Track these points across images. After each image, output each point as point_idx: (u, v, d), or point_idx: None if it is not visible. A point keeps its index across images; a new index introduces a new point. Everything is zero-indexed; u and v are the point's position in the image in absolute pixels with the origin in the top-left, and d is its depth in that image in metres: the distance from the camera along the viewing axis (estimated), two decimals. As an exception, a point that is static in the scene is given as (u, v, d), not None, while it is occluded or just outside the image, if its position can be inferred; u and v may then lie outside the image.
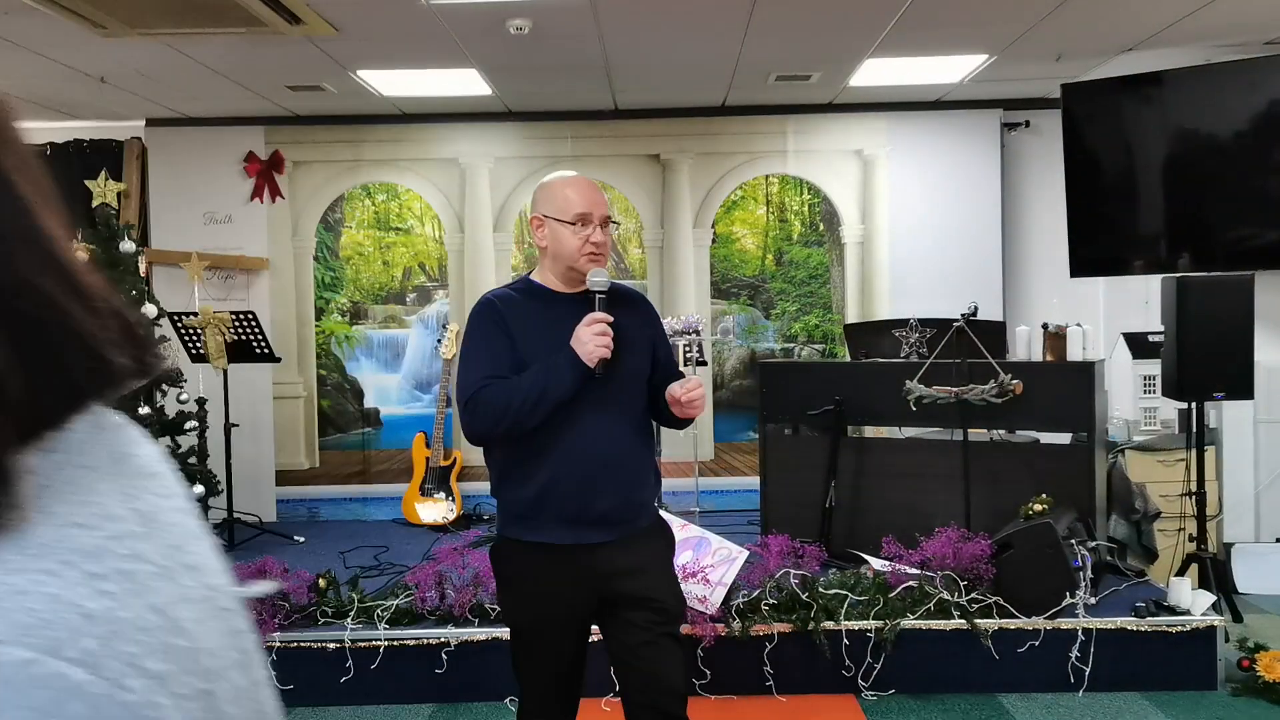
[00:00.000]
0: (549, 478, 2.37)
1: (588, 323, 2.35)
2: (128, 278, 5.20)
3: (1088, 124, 5.54)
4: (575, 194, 2.45)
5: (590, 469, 2.38)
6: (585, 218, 2.43)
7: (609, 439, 2.42)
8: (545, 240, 2.47)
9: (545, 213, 2.47)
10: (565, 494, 2.37)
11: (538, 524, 2.39)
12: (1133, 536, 4.79)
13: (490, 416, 2.33)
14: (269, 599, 3.99)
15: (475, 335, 2.43)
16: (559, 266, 2.47)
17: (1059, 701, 3.83)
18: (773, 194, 6.66)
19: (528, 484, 2.39)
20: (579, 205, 2.44)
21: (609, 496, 2.40)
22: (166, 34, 4.73)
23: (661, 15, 4.66)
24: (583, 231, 2.42)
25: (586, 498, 2.38)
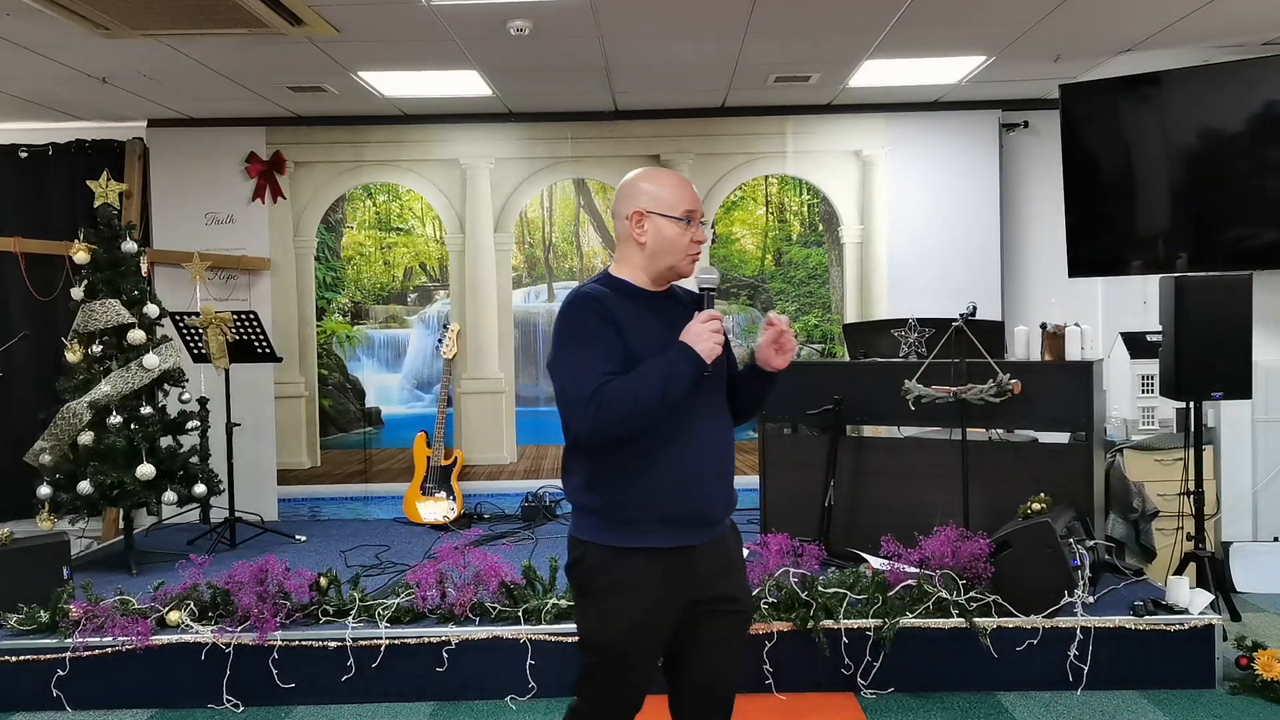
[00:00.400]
0: (659, 478, 2.29)
1: (704, 319, 2.29)
2: (129, 278, 5.22)
3: (1086, 124, 5.55)
4: (684, 190, 2.40)
5: (699, 468, 2.33)
6: (692, 214, 2.38)
7: (713, 437, 2.38)
8: (645, 236, 2.36)
9: (650, 208, 2.36)
10: (675, 495, 2.30)
11: (644, 528, 2.29)
12: (1131, 535, 4.81)
13: (616, 414, 2.20)
14: (271, 598, 4.00)
15: (584, 330, 2.28)
16: (658, 264, 2.38)
17: (1057, 700, 3.84)
18: (772, 194, 6.68)
19: (636, 486, 2.29)
20: (688, 202, 2.38)
21: (714, 495, 2.37)
22: (168, 35, 4.74)
23: (661, 16, 4.68)
24: (689, 229, 2.37)
25: (696, 498, 2.33)
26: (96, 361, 5.13)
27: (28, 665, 3.92)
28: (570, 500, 2.40)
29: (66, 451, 5.10)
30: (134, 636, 3.90)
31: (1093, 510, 4.47)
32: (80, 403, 5.00)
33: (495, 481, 6.65)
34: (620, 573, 2.30)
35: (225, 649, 3.93)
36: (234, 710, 3.92)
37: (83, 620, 3.96)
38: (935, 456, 4.75)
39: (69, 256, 5.25)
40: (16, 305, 6.29)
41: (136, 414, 5.10)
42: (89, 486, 4.96)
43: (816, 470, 4.87)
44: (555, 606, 3.98)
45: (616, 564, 2.30)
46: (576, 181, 6.69)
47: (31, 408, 5.78)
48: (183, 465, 5.28)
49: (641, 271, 2.41)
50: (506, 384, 6.71)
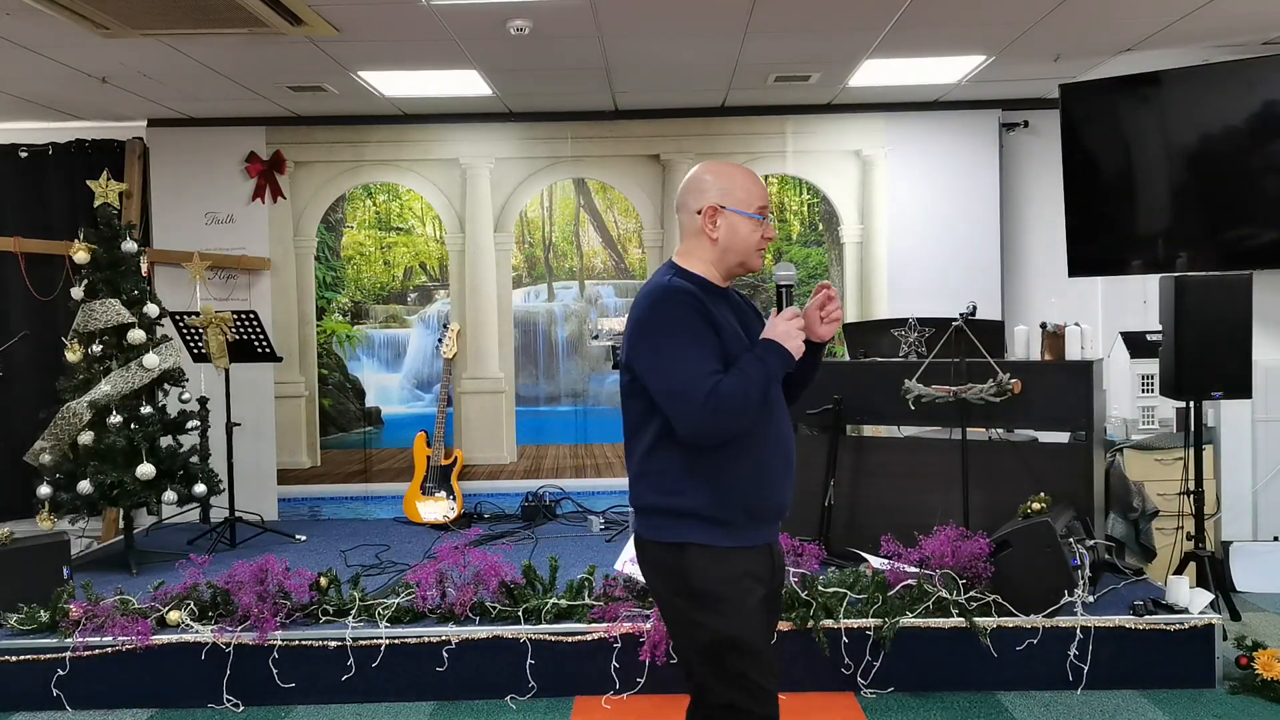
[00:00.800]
0: (751, 476, 2.29)
1: (789, 317, 2.30)
2: (129, 278, 5.22)
3: (1086, 124, 5.55)
4: (755, 185, 2.37)
5: (779, 463, 2.36)
6: (764, 210, 2.37)
7: (786, 432, 2.40)
8: (718, 232, 2.34)
9: (724, 204, 2.33)
10: (766, 492, 2.31)
11: (741, 526, 2.29)
12: (1131, 535, 4.81)
13: (732, 412, 2.18)
14: (271, 597, 4.00)
15: (689, 326, 2.23)
16: (729, 260, 2.36)
17: (1057, 699, 3.84)
18: (772, 194, 6.67)
19: (732, 484, 2.28)
20: (760, 197, 2.36)
21: (789, 489, 2.39)
22: (168, 34, 4.74)
23: (661, 16, 4.68)
24: (761, 226, 2.35)
25: (779, 493, 2.35)
26: (96, 361, 5.13)
27: (28, 665, 3.92)
28: (650, 502, 2.32)
29: (66, 451, 5.10)
30: (134, 636, 3.90)
31: (1093, 510, 4.47)
32: (80, 402, 5.00)
33: (495, 481, 6.66)
34: (729, 570, 2.27)
35: (225, 649, 3.93)
36: (234, 710, 3.92)
37: (83, 620, 3.96)
38: (935, 456, 4.76)
39: (69, 256, 5.25)
40: (16, 305, 6.29)
41: (136, 414, 5.10)
42: (89, 486, 4.96)
43: (816, 470, 4.87)
44: (555, 606, 3.98)
45: (723, 562, 2.27)
46: (576, 181, 6.69)
47: (31, 407, 5.77)
48: (183, 465, 5.28)
49: (712, 266, 2.37)
50: (506, 384, 6.71)
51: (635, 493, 2.36)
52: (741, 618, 2.27)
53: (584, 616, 3.96)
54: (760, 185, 2.40)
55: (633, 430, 2.35)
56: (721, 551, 2.27)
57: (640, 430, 2.32)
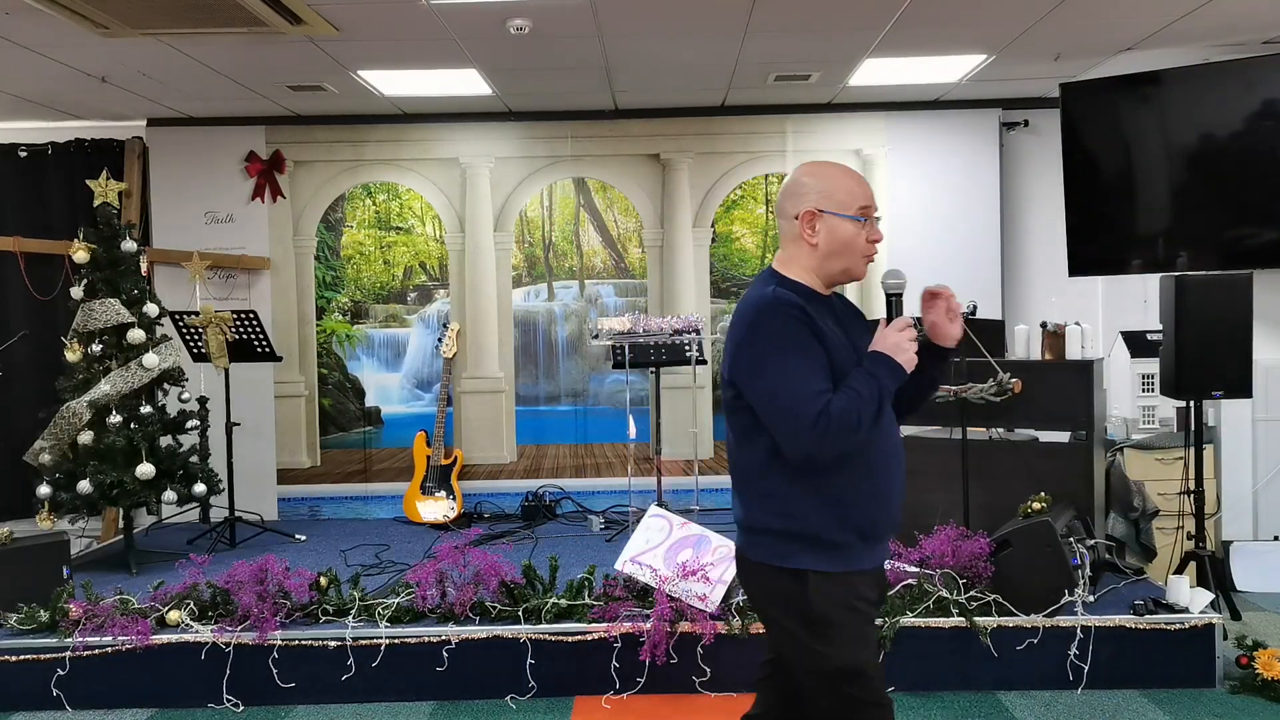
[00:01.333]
0: (869, 496, 2.19)
1: (900, 328, 2.18)
2: (129, 277, 5.21)
3: (1086, 123, 5.55)
4: (857, 185, 2.22)
5: (894, 483, 2.24)
6: (867, 211, 2.22)
7: (898, 449, 2.28)
8: (818, 237, 2.21)
9: (822, 207, 2.20)
10: (882, 513, 2.21)
11: (859, 549, 2.19)
12: (1131, 535, 4.80)
13: (844, 434, 2.08)
14: (271, 597, 4.00)
15: (796, 340, 2.12)
16: (831, 266, 2.23)
17: (1058, 699, 3.84)
18: (772, 193, 6.67)
19: (854, 507, 2.18)
20: (861, 198, 2.22)
21: (899, 508, 2.28)
22: (168, 34, 4.74)
23: (661, 15, 4.67)
24: (865, 228, 2.21)
25: (894, 514, 2.25)
26: (96, 361, 5.13)
27: (28, 665, 3.92)
28: (764, 524, 2.22)
29: (66, 451, 5.10)
30: (134, 636, 3.90)
31: (1093, 509, 4.47)
32: (80, 402, 5.00)
33: (495, 481, 6.65)
34: (846, 595, 2.18)
35: (225, 648, 3.93)
36: (234, 710, 3.92)
37: (82, 620, 3.96)
38: (935, 455, 4.75)
39: (68, 256, 5.25)
40: (16, 305, 6.28)
41: (136, 413, 5.10)
42: (89, 486, 4.96)
43: (816, 469, 4.86)
44: (555, 606, 3.98)
45: (841, 588, 2.18)
46: (576, 181, 6.69)
47: (31, 407, 5.77)
48: (182, 465, 5.28)
49: (813, 274, 2.25)
50: (506, 383, 6.71)
51: (748, 513, 2.26)
52: (860, 643, 2.19)
53: (584, 616, 3.96)
54: (863, 185, 2.24)
55: (739, 445, 2.24)
56: (839, 576, 2.17)
57: (748, 446, 2.21)
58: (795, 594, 2.19)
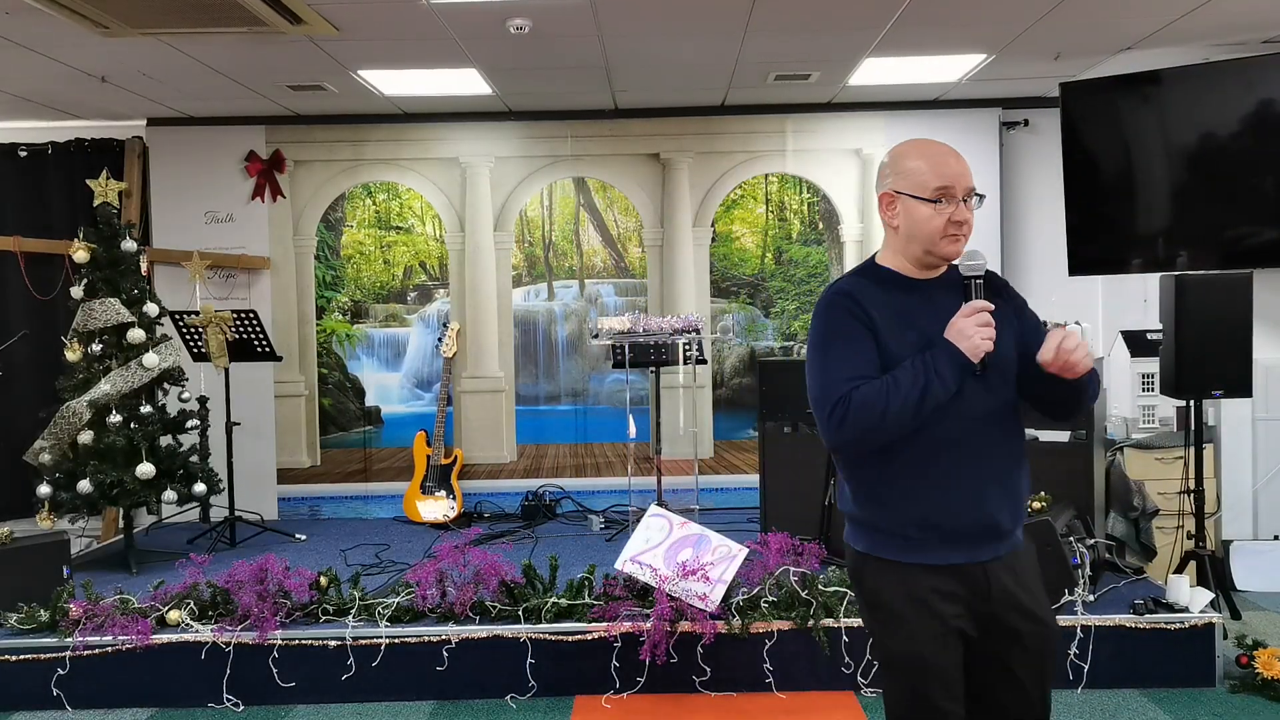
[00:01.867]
0: (936, 490, 2.10)
1: (968, 312, 2.08)
2: (129, 277, 5.21)
3: (1086, 123, 5.55)
4: (933, 164, 2.14)
5: (976, 477, 2.11)
6: (945, 191, 2.12)
7: (990, 444, 2.14)
8: (898, 219, 2.17)
9: (898, 188, 2.16)
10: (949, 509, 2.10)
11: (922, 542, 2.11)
12: (1131, 534, 4.81)
13: (863, 423, 2.03)
14: (271, 597, 4.00)
15: (832, 329, 2.13)
16: (913, 249, 2.17)
17: (1058, 698, 3.84)
18: (772, 193, 6.67)
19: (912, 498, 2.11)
20: (940, 177, 2.12)
21: (990, 507, 2.12)
22: (168, 33, 4.74)
23: (661, 15, 4.67)
24: (945, 210, 2.12)
25: (975, 511, 2.11)
26: (96, 360, 5.13)
27: (28, 664, 3.92)
28: (846, 509, 2.24)
29: (66, 450, 5.10)
30: (134, 636, 3.90)
31: (1093, 509, 4.47)
32: (80, 402, 5.00)
33: (495, 480, 6.65)
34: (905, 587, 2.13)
35: (225, 648, 3.93)
36: (234, 709, 3.92)
37: (83, 619, 3.96)
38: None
39: (68, 255, 5.25)
40: (16, 304, 6.28)
41: (136, 413, 5.10)
42: (89, 485, 4.96)
43: (817, 469, 4.87)
44: (555, 606, 3.98)
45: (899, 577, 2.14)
46: (576, 180, 6.69)
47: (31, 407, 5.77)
48: (182, 464, 5.28)
49: (901, 256, 2.20)
50: (506, 383, 6.71)
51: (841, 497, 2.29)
52: (914, 638, 2.11)
53: (584, 616, 3.96)
54: (942, 163, 2.14)
55: None
56: (899, 566, 2.12)
57: None
58: (857, 576, 2.23)
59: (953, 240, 2.14)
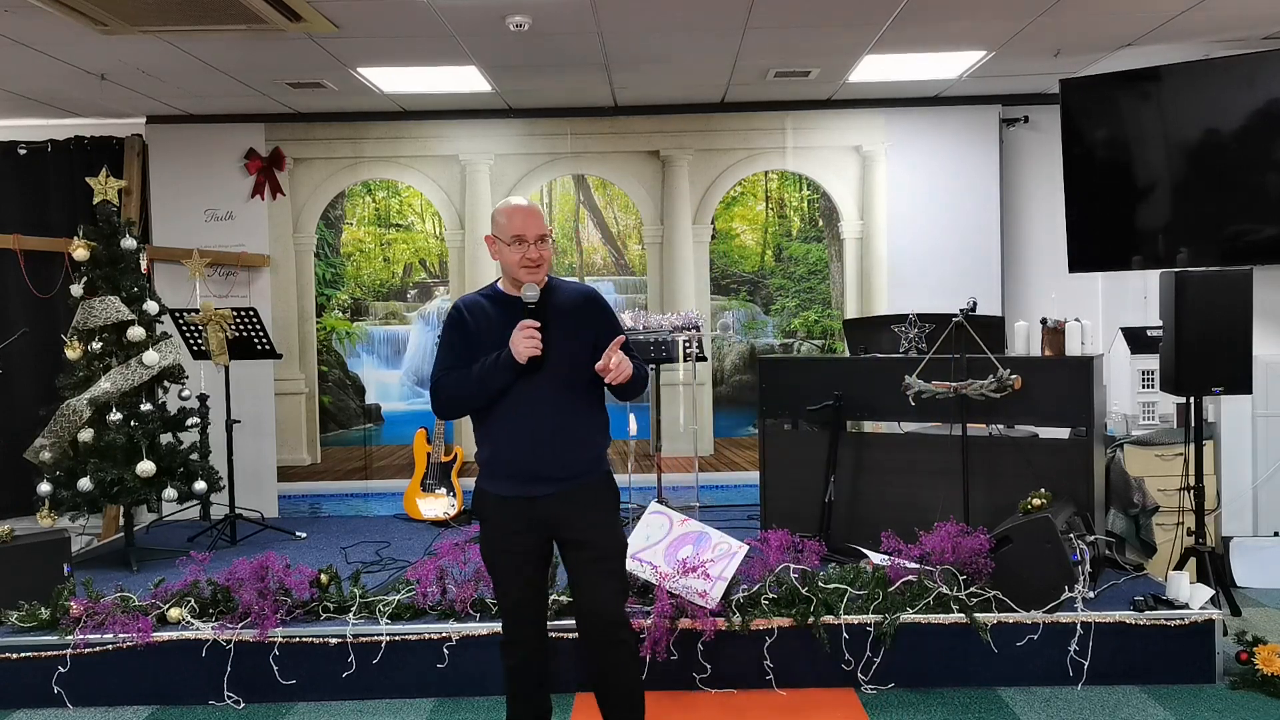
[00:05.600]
0: (495, 441, 2.99)
1: (520, 328, 2.89)
2: (129, 275, 5.20)
3: (1086, 119, 5.55)
4: (510, 219, 2.99)
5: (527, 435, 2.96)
6: (520, 237, 2.96)
7: (541, 412, 2.96)
8: (496, 255, 3.05)
9: (493, 234, 3.05)
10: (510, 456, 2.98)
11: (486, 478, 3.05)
12: (1131, 531, 4.81)
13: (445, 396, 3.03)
14: (271, 594, 4.00)
15: (443, 333, 3.08)
16: (508, 277, 3.05)
17: (1058, 695, 3.84)
18: (772, 190, 6.67)
19: (482, 446, 3.04)
20: (513, 229, 2.97)
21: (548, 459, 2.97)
22: (167, 31, 4.74)
23: (661, 12, 4.67)
24: (519, 249, 2.97)
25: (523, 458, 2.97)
26: (96, 358, 5.13)
27: (29, 662, 3.93)
28: None
29: (67, 448, 5.10)
30: (135, 633, 3.90)
31: (1093, 505, 4.47)
32: (80, 400, 5.00)
33: (495, 478, 6.64)
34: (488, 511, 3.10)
35: (226, 646, 3.93)
36: (235, 707, 3.92)
37: (83, 617, 3.97)
38: (936, 452, 4.75)
39: (68, 253, 5.24)
40: (16, 302, 6.28)
41: (136, 411, 5.10)
42: (89, 483, 4.96)
43: (817, 466, 4.87)
44: (556, 603, 3.98)
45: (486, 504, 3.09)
46: (576, 178, 6.69)
47: (31, 405, 5.78)
48: (183, 462, 5.27)
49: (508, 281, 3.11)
50: (506, 380, 6.69)
51: None
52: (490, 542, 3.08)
53: (584, 613, 3.95)
54: (519, 218, 2.97)
55: None
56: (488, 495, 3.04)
57: None
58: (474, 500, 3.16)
59: (529, 273, 2.98)
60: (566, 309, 3.03)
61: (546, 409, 2.97)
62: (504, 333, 2.93)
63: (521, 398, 2.94)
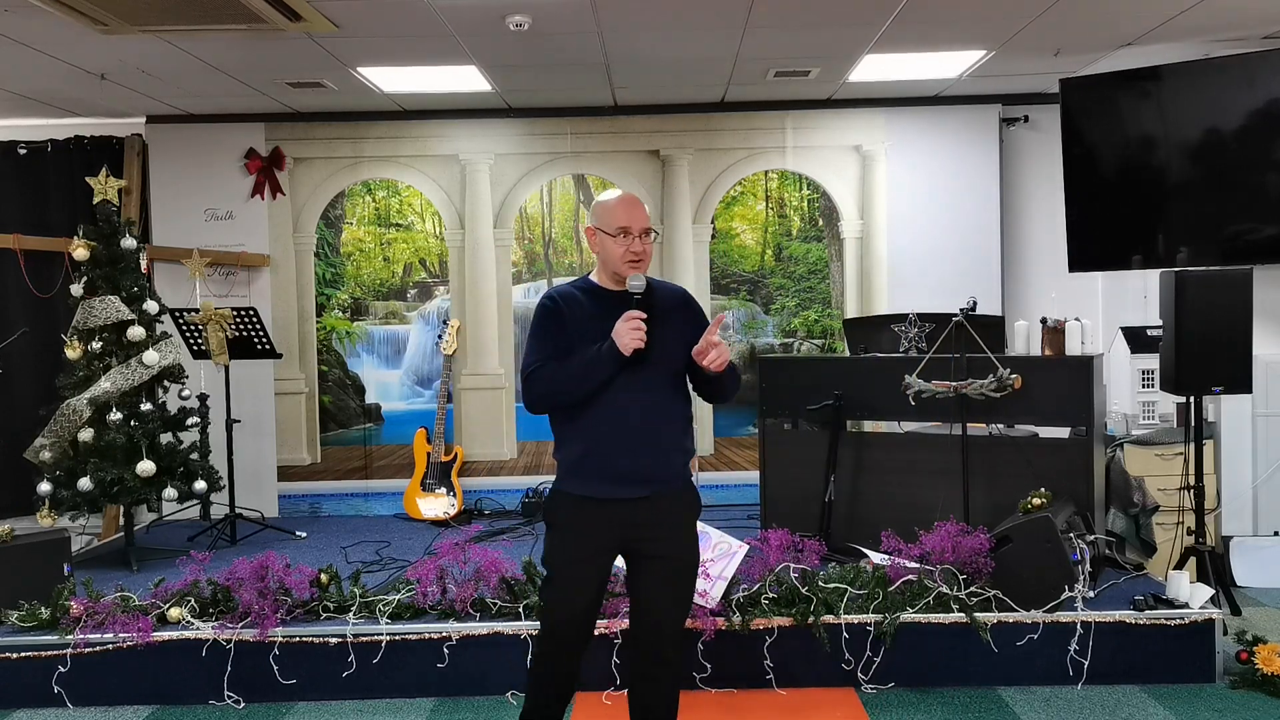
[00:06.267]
0: (590, 440, 2.82)
1: (625, 319, 2.75)
2: (129, 274, 5.20)
3: (1086, 119, 5.54)
4: (617, 210, 2.87)
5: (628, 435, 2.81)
6: (625, 229, 2.84)
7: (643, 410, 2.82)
8: (596, 248, 2.92)
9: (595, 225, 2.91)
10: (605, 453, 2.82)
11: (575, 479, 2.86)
12: (1131, 530, 4.81)
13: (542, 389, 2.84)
14: (271, 594, 4.00)
15: (535, 323, 2.91)
16: (607, 270, 2.91)
17: (1058, 694, 3.85)
18: (772, 189, 6.67)
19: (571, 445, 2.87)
20: (622, 219, 2.85)
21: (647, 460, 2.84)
22: (167, 31, 4.74)
23: (660, 11, 4.67)
24: (623, 242, 2.84)
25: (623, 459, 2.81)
26: (96, 358, 5.13)
27: (29, 662, 3.93)
28: None
29: (67, 448, 5.10)
30: (135, 633, 3.90)
31: (1093, 505, 4.47)
32: (80, 399, 5.00)
33: (495, 477, 6.66)
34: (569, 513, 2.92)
35: (226, 645, 3.93)
36: (235, 706, 3.92)
37: (83, 617, 3.97)
38: (936, 452, 4.76)
39: (68, 253, 5.24)
40: (16, 302, 6.28)
41: (136, 410, 5.10)
42: (89, 483, 4.96)
43: (817, 466, 4.87)
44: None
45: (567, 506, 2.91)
46: (576, 177, 6.68)
47: (31, 405, 5.77)
48: (183, 462, 5.27)
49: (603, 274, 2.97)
50: (506, 380, 6.70)
51: None
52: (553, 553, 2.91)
53: (584, 613, 3.95)
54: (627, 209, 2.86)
55: None
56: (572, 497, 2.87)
57: None
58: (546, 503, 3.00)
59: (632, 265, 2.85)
60: (667, 306, 2.92)
61: (645, 406, 2.83)
62: (600, 325, 2.79)
63: (619, 393, 2.79)
